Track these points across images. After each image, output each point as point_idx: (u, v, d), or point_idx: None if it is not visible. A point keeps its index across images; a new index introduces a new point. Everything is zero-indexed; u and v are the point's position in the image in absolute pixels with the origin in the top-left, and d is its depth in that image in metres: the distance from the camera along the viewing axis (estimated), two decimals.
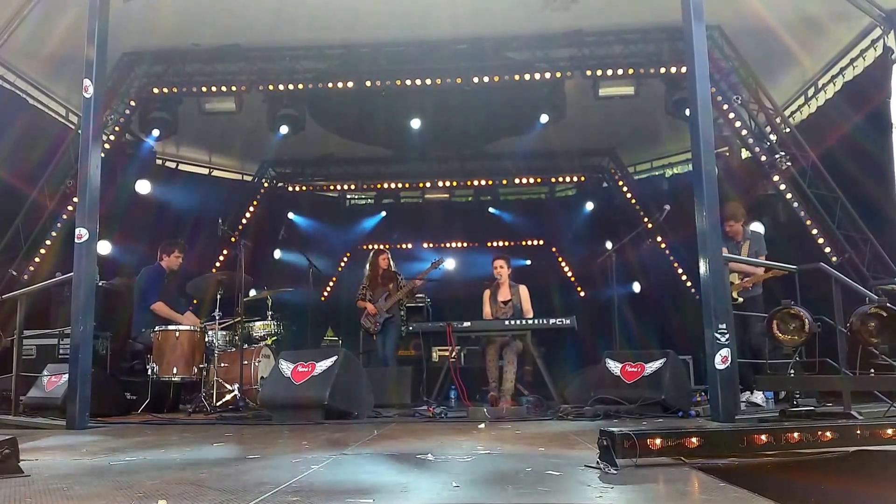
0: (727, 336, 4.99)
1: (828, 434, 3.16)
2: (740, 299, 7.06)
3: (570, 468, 3.09)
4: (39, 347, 7.46)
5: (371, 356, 9.22)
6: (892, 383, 4.81)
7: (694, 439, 3.04)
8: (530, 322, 7.66)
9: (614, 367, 6.42)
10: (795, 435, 3.12)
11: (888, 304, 4.80)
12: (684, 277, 11.59)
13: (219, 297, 7.55)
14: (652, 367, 6.16)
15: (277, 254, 12.98)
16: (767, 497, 2.37)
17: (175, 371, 7.03)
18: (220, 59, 9.53)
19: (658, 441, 3.00)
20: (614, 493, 2.54)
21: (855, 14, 8.06)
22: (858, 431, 3.25)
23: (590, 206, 13.96)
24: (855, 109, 8.29)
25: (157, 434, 5.05)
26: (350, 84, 9.57)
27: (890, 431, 3.22)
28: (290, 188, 14.02)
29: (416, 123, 10.25)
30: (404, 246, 14.21)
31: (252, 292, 8.84)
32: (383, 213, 14.57)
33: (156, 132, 9.77)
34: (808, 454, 3.26)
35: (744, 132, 8.97)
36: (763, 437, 3.10)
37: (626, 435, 2.97)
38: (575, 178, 14.13)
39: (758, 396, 6.81)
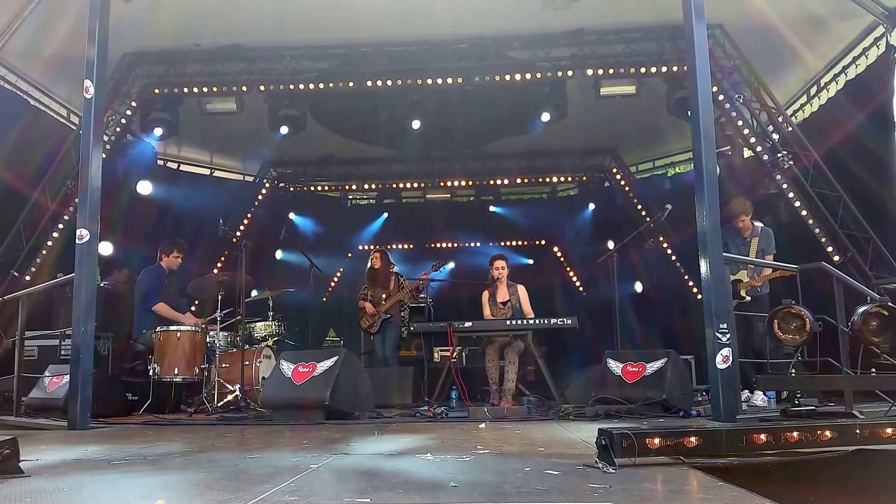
0: (728, 336, 4.99)
1: (827, 433, 3.15)
2: (748, 298, 7.05)
3: (570, 468, 3.09)
4: (41, 348, 7.46)
5: (372, 356, 9.23)
6: (893, 383, 4.79)
7: (693, 439, 3.03)
8: (532, 322, 7.66)
9: (615, 366, 6.42)
10: (795, 434, 3.11)
11: (889, 304, 4.79)
12: (686, 277, 11.56)
13: (220, 297, 7.56)
14: (653, 366, 6.15)
15: (279, 254, 12.99)
16: (766, 496, 2.36)
17: (176, 372, 7.05)
18: (221, 59, 9.52)
19: (657, 440, 3.00)
20: (612, 492, 2.53)
21: (858, 12, 8.04)
22: (858, 431, 3.24)
23: (591, 205, 13.96)
24: (858, 108, 8.26)
25: (159, 434, 5.05)
26: (351, 84, 9.57)
27: (889, 430, 3.21)
28: (292, 188, 14.04)
29: (416, 123, 10.25)
30: (406, 246, 14.22)
31: (253, 293, 8.85)
32: (385, 215, 14.57)
33: (158, 131, 9.74)
34: (808, 453, 3.26)
35: (746, 131, 8.95)
36: (762, 436, 3.09)
37: (624, 434, 2.96)
38: (576, 178, 14.14)
39: (758, 398, 6.80)
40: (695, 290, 10.79)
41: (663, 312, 11.70)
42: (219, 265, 11.29)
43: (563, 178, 14.21)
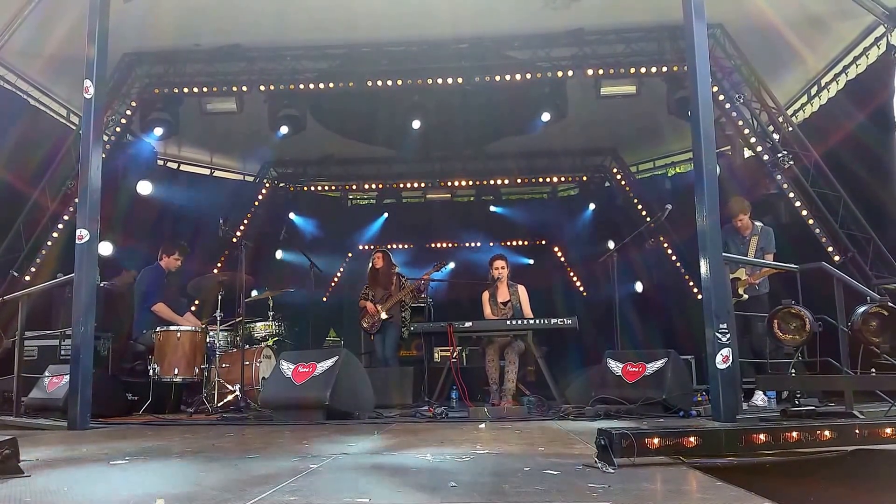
0: (728, 336, 4.98)
1: (826, 433, 3.14)
2: (745, 296, 7.04)
3: (569, 468, 3.08)
4: (41, 348, 7.45)
5: (373, 356, 9.22)
6: (893, 383, 4.78)
7: (692, 439, 3.02)
8: (532, 322, 7.65)
9: (616, 366, 6.41)
10: (794, 434, 3.10)
11: (889, 304, 4.79)
12: (686, 277, 11.56)
13: (220, 297, 7.54)
14: (653, 366, 6.14)
15: (279, 254, 12.98)
16: (765, 496, 2.36)
17: (176, 372, 7.04)
18: (221, 59, 9.52)
19: (656, 440, 2.99)
20: (611, 492, 2.53)
21: (858, 12, 8.03)
22: (857, 431, 3.24)
23: (592, 205, 13.96)
24: (858, 108, 8.26)
25: (159, 435, 5.04)
26: (351, 84, 9.58)
27: (888, 430, 3.20)
28: (292, 188, 14.04)
29: (417, 123, 10.25)
30: (406, 246, 14.22)
31: (254, 293, 8.84)
32: (386, 215, 14.57)
33: (158, 131, 9.74)
34: (807, 453, 3.26)
35: (746, 131, 8.95)
36: (761, 436, 3.09)
37: (623, 434, 2.96)
38: (577, 178, 14.14)
39: (758, 398, 6.79)
40: (695, 290, 10.79)
41: (663, 312, 11.70)
42: (219, 265, 11.28)
43: (563, 178, 14.23)
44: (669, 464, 3.07)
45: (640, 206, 12.42)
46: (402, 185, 14.35)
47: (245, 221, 12.62)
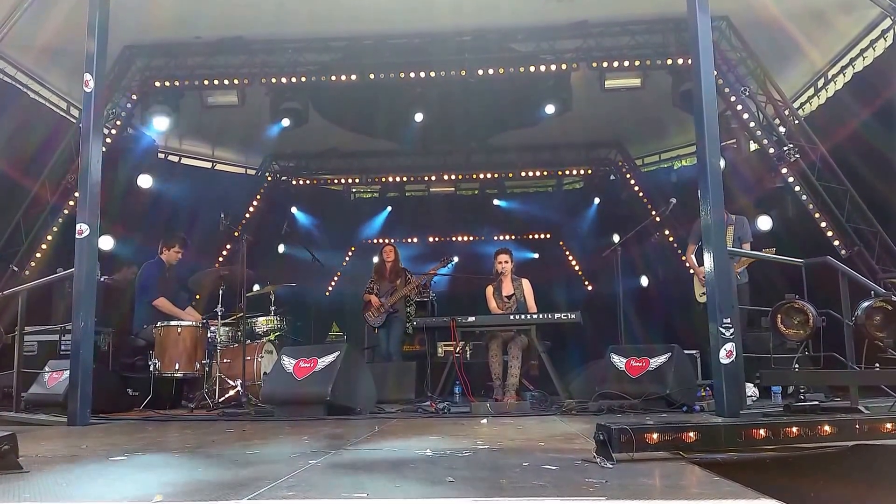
0: (732, 330, 4.95)
1: (826, 428, 3.12)
2: None
3: (567, 463, 3.07)
4: (40, 343, 7.43)
5: (375, 351, 9.20)
6: None
7: (691, 434, 3.00)
8: (535, 317, 7.61)
9: (619, 361, 6.36)
10: (794, 429, 3.08)
11: (893, 298, 4.74)
12: (692, 271, 11.49)
13: (221, 292, 7.49)
14: (657, 361, 6.09)
15: (281, 248, 12.96)
16: (763, 491, 2.33)
17: (177, 367, 7.00)
18: (223, 51, 9.48)
19: (655, 435, 2.97)
20: (608, 486, 2.51)
21: (864, 4, 7.96)
22: (857, 426, 3.21)
23: (597, 199, 13.92)
24: (864, 101, 8.20)
25: (159, 430, 5.05)
26: (353, 77, 9.54)
27: (889, 426, 3.17)
28: (294, 182, 14.01)
29: (419, 116, 10.22)
30: (409, 239, 14.19)
31: (255, 287, 8.82)
32: (389, 209, 14.54)
33: (158, 124, 9.72)
34: (807, 449, 3.24)
35: (752, 124, 8.89)
36: (761, 431, 3.07)
37: (622, 429, 2.94)
38: (582, 171, 14.09)
39: (748, 389, 6.71)
40: None
41: (669, 307, 11.63)
42: (220, 259, 11.25)
43: (568, 172, 14.18)
44: (668, 459, 3.05)
45: (645, 200, 12.36)
46: (405, 179, 14.31)
47: (246, 215, 12.56)
